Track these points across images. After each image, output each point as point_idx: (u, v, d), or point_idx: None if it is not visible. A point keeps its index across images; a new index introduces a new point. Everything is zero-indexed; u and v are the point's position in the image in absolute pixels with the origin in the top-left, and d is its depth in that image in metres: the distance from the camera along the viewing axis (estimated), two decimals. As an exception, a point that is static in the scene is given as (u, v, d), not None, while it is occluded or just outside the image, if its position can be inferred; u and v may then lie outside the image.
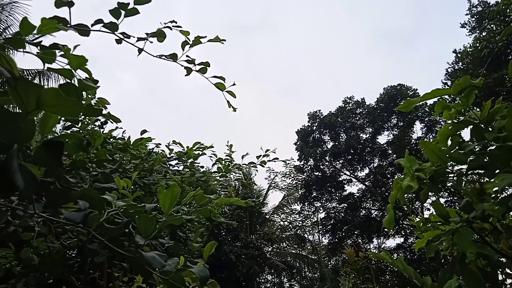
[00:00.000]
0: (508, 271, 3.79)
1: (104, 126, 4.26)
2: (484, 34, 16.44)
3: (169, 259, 1.05)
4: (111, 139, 3.45)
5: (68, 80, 1.34)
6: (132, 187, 3.65)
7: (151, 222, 1.06)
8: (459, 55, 17.75)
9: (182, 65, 2.15)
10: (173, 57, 2.08)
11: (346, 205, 26.46)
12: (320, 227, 27.18)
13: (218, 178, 3.78)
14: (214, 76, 2.21)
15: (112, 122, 3.52)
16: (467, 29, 18.53)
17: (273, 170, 28.47)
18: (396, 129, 25.91)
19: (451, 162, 2.10)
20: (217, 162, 3.74)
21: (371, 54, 51.37)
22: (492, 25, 16.03)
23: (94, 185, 1.49)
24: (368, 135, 26.49)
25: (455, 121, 2.14)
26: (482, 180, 2.14)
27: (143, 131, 3.28)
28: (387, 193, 24.00)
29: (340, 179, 27.36)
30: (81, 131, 2.06)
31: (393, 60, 49.62)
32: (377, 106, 26.03)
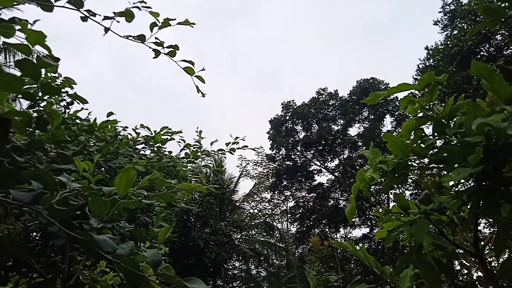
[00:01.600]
0: (464, 262, 3.95)
1: (70, 107, 4.14)
2: (455, 32, 16.86)
3: (124, 243, 1.03)
4: (77, 120, 3.36)
5: (25, 56, 1.28)
6: (98, 170, 3.58)
7: (105, 204, 1.04)
8: (430, 52, 18.14)
9: (150, 47, 2.10)
10: (141, 38, 2.03)
11: (315, 194, 26.85)
12: (289, 215, 27.53)
13: (186, 164, 3.75)
14: (183, 60, 2.18)
15: (78, 103, 3.42)
16: (439, 26, 18.94)
17: (245, 158, 28.53)
18: (367, 122, 26.38)
19: (413, 155, 2.15)
20: (185, 148, 3.70)
21: (348, 46, 51.89)
22: (463, 24, 16.44)
23: (50, 166, 1.44)
24: (339, 126, 26.86)
25: (419, 115, 2.19)
26: (442, 174, 2.20)
27: (110, 113, 3.20)
28: (363, 190, 24.46)
29: (311, 169, 27.70)
30: (43, 110, 1.98)
31: (369, 53, 50.24)
32: (350, 98, 26.39)
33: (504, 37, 15.04)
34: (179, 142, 3.74)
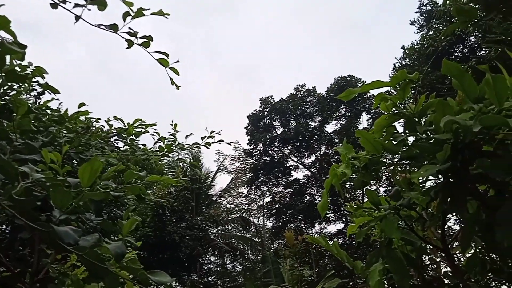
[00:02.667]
0: (433, 257, 4.04)
1: (41, 97, 4.02)
2: (431, 33, 17.19)
3: (89, 235, 1.01)
4: (48, 111, 3.27)
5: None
6: (69, 162, 3.49)
7: (67, 195, 1.01)
8: (406, 51, 18.46)
9: (123, 37, 2.06)
10: (113, 28, 1.98)
11: (291, 190, 27.05)
12: (265, 210, 27.66)
13: (160, 157, 3.70)
14: (157, 51, 2.14)
15: (50, 93, 3.33)
16: (416, 26, 19.28)
17: (222, 153, 28.47)
18: (343, 119, 26.70)
19: (385, 152, 2.18)
20: (159, 141, 3.66)
21: (328, 43, 52.20)
22: (438, 25, 16.79)
23: (14, 156, 1.40)
24: (316, 123, 27.09)
25: (391, 112, 2.22)
26: (412, 170, 2.24)
27: (81, 104, 3.12)
28: (335, 186, 24.73)
29: (288, 164, 27.87)
30: (8, 98, 1.92)
31: (349, 50, 50.69)
32: (327, 95, 26.64)
33: (478, 38, 15.43)
34: (153, 135, 3.70)
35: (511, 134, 1.46)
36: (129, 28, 2.10)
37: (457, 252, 3.79)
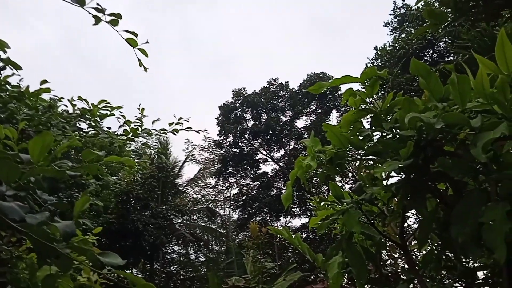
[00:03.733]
0: (392, 253, 4.14)
1: (1, 72, 3.84)
2: (403, 36, 17.57)
3: (39, 213, 0.96)
4: (7, 86, 3.12)
5: None
6: (27, 142, 3.35)
7: (14, 169, 0.95)
8: (379, 52, 18.79)
9: (90, 13, 1.97)
10: (80, 2, 1.90)
11: (259, 183, 27.15)
12: (232, 202, 27.67)
13: (125, 141, 3.59)
14: (126, 31, 2.07)
15: (11, 69, 3.17)
16: (389, 28, 19.66)
17: (192, 142, 28.20)
18: (314, 115, 26.98)
19: (351, 146, 2.20)
20: (124, 124, 3.56)
21: (303, 39, 52.35)
22: (411, 28, 17.17)
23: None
24: (287, 118, 27.25)
25: (359, 108, 2.24)
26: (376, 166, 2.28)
27: (43, 81, 2.99)
28: (300, 178, 25.00)
29: (257, 157, 27.95)
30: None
31: (323, 48, 50.92)
32: (299, 91, 26.81)
33: (447, 44, 15.88)
34: (118, 118, 3.59)
35: (471, 134, 1.49)
36: (97, 4, 2.02)
37: (415, 249, 3.90)
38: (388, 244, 3.55)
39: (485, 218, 1.41)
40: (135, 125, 3.59)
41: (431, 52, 16.68)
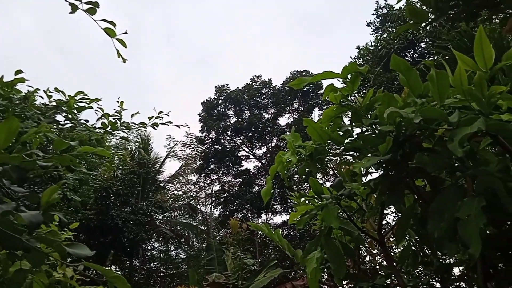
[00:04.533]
0: (370, 249, 4.17)
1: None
2: (385, 35, 17.78)
3: (5, 203, 0.92)
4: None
5: None
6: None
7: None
8: (361, 51, 18.97)
9: (66, 0, 1.92)
10: (56, -12, 1.84)
11: (241, 180, 27.13)
12: (213, 199, 27.59)
13: (104, 134, 3.51)
14: (104, 20, 2.02)
15: (-15, 59, 3.06)
16: (371, 28, 19.86)
17: (173, 138, 28.00)
18: (296, 113, 27.08)
19: (331, 142, 2.20)
20: (102, 117, 3.48)
21: (288, 36, 52.49)
22: (393, 28, 17.37)
23: None
24: (270, 115, 27.28)
25: (340, 104, 2.24)
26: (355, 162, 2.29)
27: (18, 71, 2.89)
28: (280, 173, 25.06)
29: (239, 154, 27.91)
30: None
31: (307, 46, 51.17)
32: (282, 88, 26.86)
33: (428, 45, 16.13)
34: (96, 111, 3.51)
35: (449, 131, 1.50)
36: (74, -9, 1.96)
37: (393, 244, 3.95)
38: (367, 240, 3.59)
39: (461, 213, 1.42)
40: (113, 119, 3.52)
41: (412, 52, 16.93)
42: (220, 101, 27.12)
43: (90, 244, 18.27)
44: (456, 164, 1.75)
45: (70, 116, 3.35)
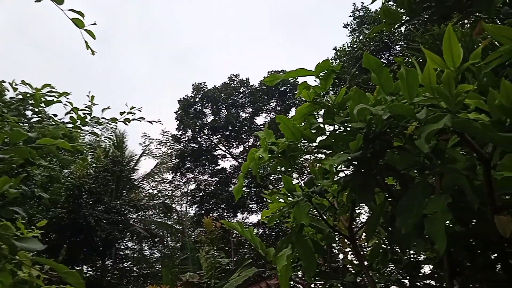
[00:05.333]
0: (342, 247, 4.20)
1: None
2: (361, 37, 18.02)
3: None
4: None
5: None
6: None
7: None
8: (338, 52, 19.17)
9: (31, -12, 1.84)
10: (20, -25, 1.77)
11: (217, 179, 27.02)
12: (189, 198, 27.37)
13: (73, 129, 3.41)
14: (72, 10, 1.95)
15: None
16: (348, 30, 20.09)
17: (149, 136, 27.66)
18: (274, 113, 27.15)
19: (303, 139, 2.19)
20: (71, 111, 3.38)
21: (267, 34, 52.51)
22: (369, 30, 17.62)
23: None
24: (247, 114, 27.27)
25: (313, 101, 2.23)
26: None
27: (-19, 62, 2.77)
28: (252, 170, 25.05)
29: (215, 153, 27.79)
30: None
31: (286, 45, 51.28)
32: (260, 88, 26.89)
33: (403, 47, 16.43)
34: (65, 105, 3.40)
35: (418, 127, 1.51)
36: (40, -21, 1.89)
37: (366, 243, 3.99)
38: (340, 238, 3.61)
39: (428, 209, 1.44)
40: (83, 113, 3.42)
41: (388, 54, 17.22)
42: (197, 99, 26.93)
43: (61, 244, 17.85)
44: (426, 162, 1.77)
45: (37, 110, 3.23)
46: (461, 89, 1.42)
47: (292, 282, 3.97)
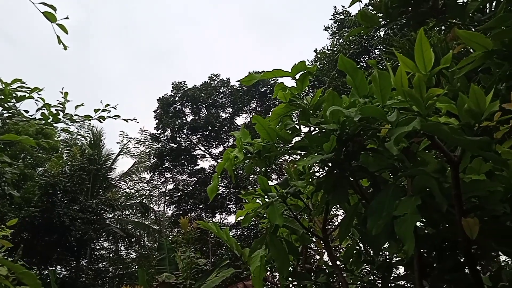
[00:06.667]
0: (318, 248, 4.20)
1: None
2: (341, 40, 18.21)
3: None
4: None
5: None
6: None
7: None
8: (318, 55, 19.34)
9: (1, -20, 1.79)
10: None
11: (196, 179, 26.82)
12: (167, 198, 27.10)
13: (44, 126, 3.32)
14: (43, 3, 1.90)
15: None
16: (329, 32, 20.29)
17: (127, 135, 27.31)
18: (254, 113, 27.16)
19: (279, 140, 2.20)
20: (43, 108, 3.29)
21: (248, 35, 52.54)
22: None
23: None
24: (227, 114, 27.20)
25: (289, 102, 2.24)
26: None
27: None
28: (235, 172, 25.00)
29: (195, 153, 27.59)
30: None
31: (266, 46, 51.39)
32: (240, 88, 26.87)
33: (381, 51, 16.68)
34: (37, 100, 3.30)
35: (389, 130, 1.53)
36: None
37: (340, 244, 4.02)
38: (314, 239, 3.63)
39: (398, 211, 1.45)
40: (56, 110, 3.33)
41: (367, 57, 17.46)
42: (177, 98, 26.70)
43: (34, 244, 17.42)
44: (398, 164, 1.80)
45: (7, 106, 3.13)
46: (431, 93, 1.44)
47: (268, 283, 3.97)
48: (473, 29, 3.14)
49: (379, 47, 16.87)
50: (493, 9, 3.00)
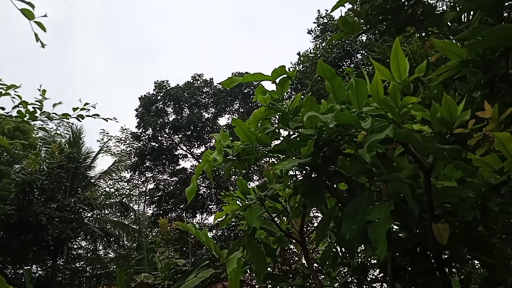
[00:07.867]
0: (296, 250, 4.24)
1: None
2: (324, 44, 18.38)
3: None
4: None
5: None
6: None
7: None
8: (301, 58, 19.47)
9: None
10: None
11: (177, 179, 26.65)
12: (147, 197, 26.85)
13: (20, 123, 3.26)
14: (21, 0, 1.87)
15: None
16: (312, 36, 20.45)
17: (108, 133, 26.98)
18: (236, 114, 27.16)
19: (258, 143, 2.21)
20: (19, 105, 3.23)
21: (232, 36, 52.48)
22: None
23: None
24: (210, 115, 27.12)
25: (269, 106, 2.26)
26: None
27: None
28: (216, 173, 24.91)
29: (176, 153, 27.42)
30: None
31: (250, 47, 51.38)
32: (223, 88, 26.82)
33: (363, 56, 16.90)
34: (13, 98, 3.24)
35: (364, 137, 1.56)
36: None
37: (318, 247, 4.06)
38: (292, 241, 3.66)
39: (371, 216, 1.49)
40: (33, 107, 3.27)
41: (349, 62, 17.66)
42: (159, 97, 26.50)
43: (9, 242, 17.02)
44: (374, 170, 1.83)
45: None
46: (406, 101, 1.48)
47: (248, 286, 3.98)
48: (452, 37, 3.22)
49: (361, 51, 17.07)
50: (470, 18, 3.09)
